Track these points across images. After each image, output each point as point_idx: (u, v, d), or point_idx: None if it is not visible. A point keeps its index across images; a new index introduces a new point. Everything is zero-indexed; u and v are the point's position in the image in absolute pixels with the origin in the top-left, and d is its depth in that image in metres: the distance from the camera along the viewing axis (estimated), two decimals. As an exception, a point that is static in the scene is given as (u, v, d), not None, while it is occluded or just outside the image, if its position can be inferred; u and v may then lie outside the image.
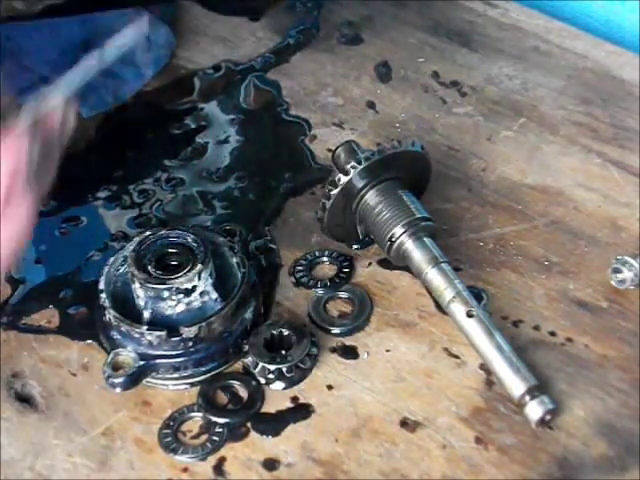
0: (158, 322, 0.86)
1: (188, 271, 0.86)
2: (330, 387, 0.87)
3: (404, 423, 0.84)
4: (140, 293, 0.87)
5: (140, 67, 1.15)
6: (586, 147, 1.06)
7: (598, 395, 0.86)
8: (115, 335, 0.87)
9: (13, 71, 1.00)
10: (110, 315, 0.87)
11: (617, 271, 0.92)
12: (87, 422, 0.85)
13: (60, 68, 1.12)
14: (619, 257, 0.92)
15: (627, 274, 0.92)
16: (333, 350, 0.90)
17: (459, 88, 1.13)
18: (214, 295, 0.87)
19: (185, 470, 0.82)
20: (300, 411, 0.85)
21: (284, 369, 0.86)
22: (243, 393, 0.87)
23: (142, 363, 0.85)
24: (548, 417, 0.82)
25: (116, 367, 0.85)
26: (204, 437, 0.84)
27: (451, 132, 1.08)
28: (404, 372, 0.88)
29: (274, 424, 0.85)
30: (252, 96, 1.13)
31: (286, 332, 0.88)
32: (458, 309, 0.87)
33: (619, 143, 1.06)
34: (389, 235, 0.91)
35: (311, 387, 0.87)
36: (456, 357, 0.88)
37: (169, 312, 0.87)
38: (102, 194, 1.03)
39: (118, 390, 0.85)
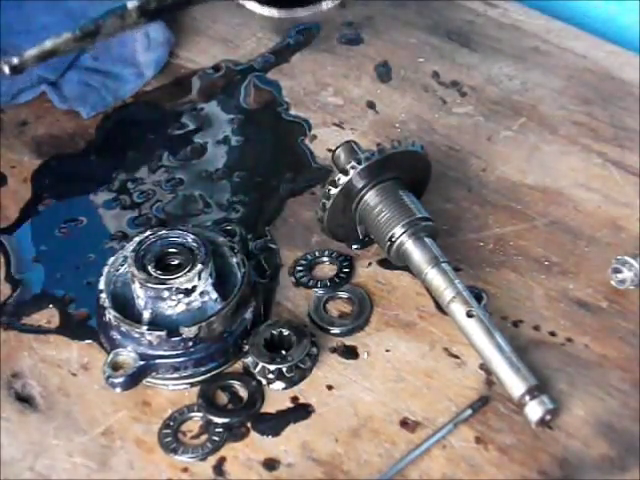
0: (158, 322, 0.86)
1: (188, 271, 0.86)
2: (330, 387, 0.87)
3: (404, 423, 0.84)
4: (140, 293, 0.87)
5: (140, 67, 1.15)
6: (586, 147, 1.06)
7: (598, 395, 0.86)
8: (115, 335, 0.87)
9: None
10: (110, 315, 0.87)
11: (617, 271, 0.92)
12: (87, 422, 0.85)
13: (58, 70, 1.13)
14: (619, 257, 0.92)
15: (627, 274, 0.92)
16: (333, 350, 0.90)
17: (459, 88, 1.13)
18: (214, 295, 0.87)
19: (185, 470, 0.82)
20: (300, 411, 0.85)
21: (284, 369, 0.86)
22: (243, 393, 0.87)
23: (142, 363, 0.85)
24: (548, 417, 0.82)
25: (116, 367, 0.85)
26: (204, 437, 0.84)
27: (451, 132, 1.08)
28: (404, 372, 0.88)
29: (274, 424, 0.85)
30: (252, 96, 1.13)
31: (286, 332, 0.88)
32: (458, 309, 0.87)
33: (619, 143, 1.05)
34: (389, 235, 0.91)
35: (311, 387, 0.87)
36: (456, 357, 0.88)
37: (169, 312, 0.87)
38: (102, 194, 1.03)
39: (118, 390, 0.85)
